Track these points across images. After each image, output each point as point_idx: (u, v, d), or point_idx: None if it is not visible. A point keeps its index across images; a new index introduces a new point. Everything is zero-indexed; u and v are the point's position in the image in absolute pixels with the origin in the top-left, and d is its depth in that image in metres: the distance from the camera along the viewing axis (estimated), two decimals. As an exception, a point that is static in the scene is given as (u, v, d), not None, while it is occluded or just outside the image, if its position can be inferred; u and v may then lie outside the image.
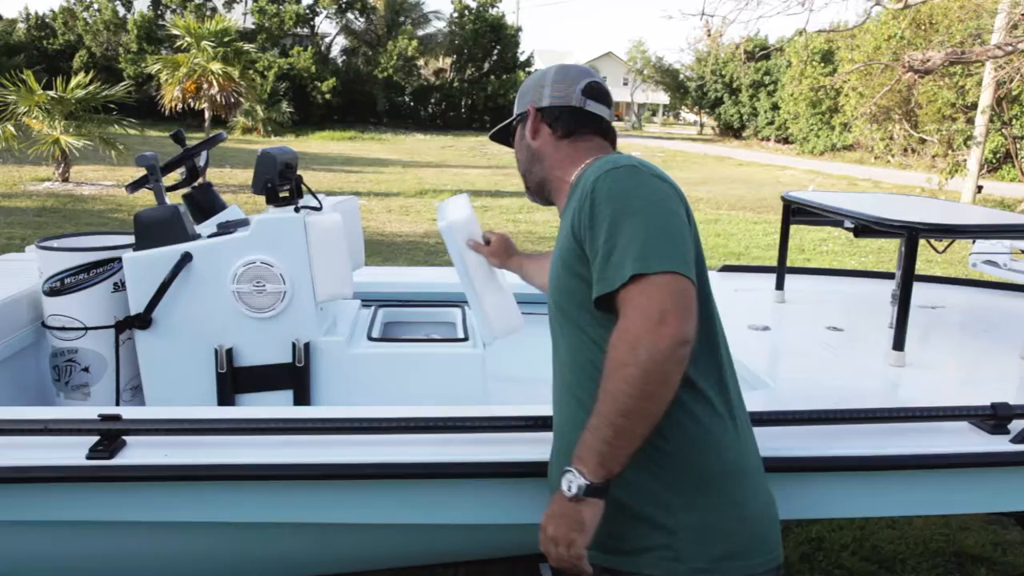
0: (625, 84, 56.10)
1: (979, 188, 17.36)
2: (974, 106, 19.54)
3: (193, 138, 2.65)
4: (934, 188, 18.24)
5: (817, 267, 4.99)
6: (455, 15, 36.22)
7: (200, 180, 2.73)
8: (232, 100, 13.96)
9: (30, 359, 2.59)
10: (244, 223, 2.52)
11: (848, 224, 3.13)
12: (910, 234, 2.44)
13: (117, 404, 2.45)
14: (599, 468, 1.33)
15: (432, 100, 36.87)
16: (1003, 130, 20.72)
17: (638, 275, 1.33)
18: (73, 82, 13.26)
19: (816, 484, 1.92)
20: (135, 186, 2.55)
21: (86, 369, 2.48)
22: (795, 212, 3.09)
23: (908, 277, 2.44)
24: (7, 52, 29.10)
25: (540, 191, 1.76)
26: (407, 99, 35.99)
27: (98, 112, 13.91)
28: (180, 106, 13.91)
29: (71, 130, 13.17)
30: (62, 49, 30.67)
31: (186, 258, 2.31)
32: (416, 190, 15.49)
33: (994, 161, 22.75)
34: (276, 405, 2.40)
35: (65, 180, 13.66)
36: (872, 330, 2.91)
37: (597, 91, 1.71)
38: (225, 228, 2.45)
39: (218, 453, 1.73)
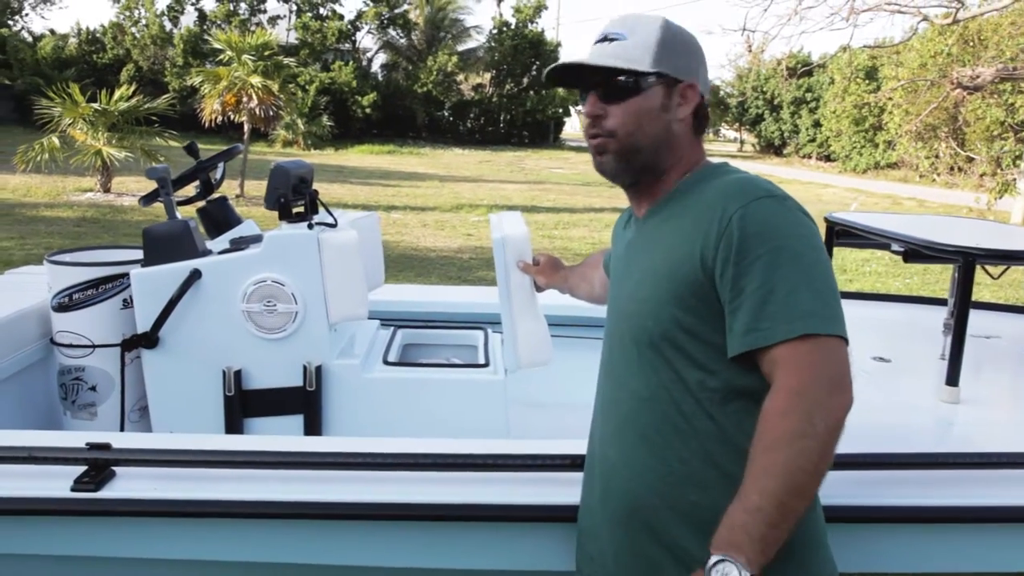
0: (665, 100, 55.73)
1: (1030, 208, 16.83)
2: (1023, 124, 18.99)
3: None
4: (982, 208, 17.72)
5: (861, 291, 4.78)
6: (495, 31, 36.35)
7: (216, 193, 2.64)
8: (272, 113, 14.06)
9: (39, 376, 2.52)
10: (257, 239, 2.43)
11: (895, 248, 2.95)
12: (965, 260, 2.25)
13: (122, 425, 2.37)
14: (761, 556, 1.15)
15: (471, 115, 36.98)
16: (1055, 149, 20.08)
17: (809, 335, 1.18)
18: (116, 94, 13.47)
19: (864, 536, 1.75)
20: (148, 199, 2.47)
21: (93, 388, 2.40)
22: (839, 235, 2.91)
23: (964, 307, 2.26)
24: (59, 66, 29.82)
25: (640, 175, 1.41)
26: (446, 114, 36.15)
27: (140, 124, 14.11)
28: (220, 119, 14.05)
29: (113, 142, 13.37)
30: (111, 63, 31.33)
31: (195, 275, 2.22)
32: (452, 204, 15.45)
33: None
34: (286, 430, 2.29)
35: (107, 191, 13.86)
36: (922, 361, 2.72)
37: None
38: (237, 244, 2.35)
39: (213, 487, 1.62)
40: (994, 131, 21.15)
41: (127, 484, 1.61)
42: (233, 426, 2.27)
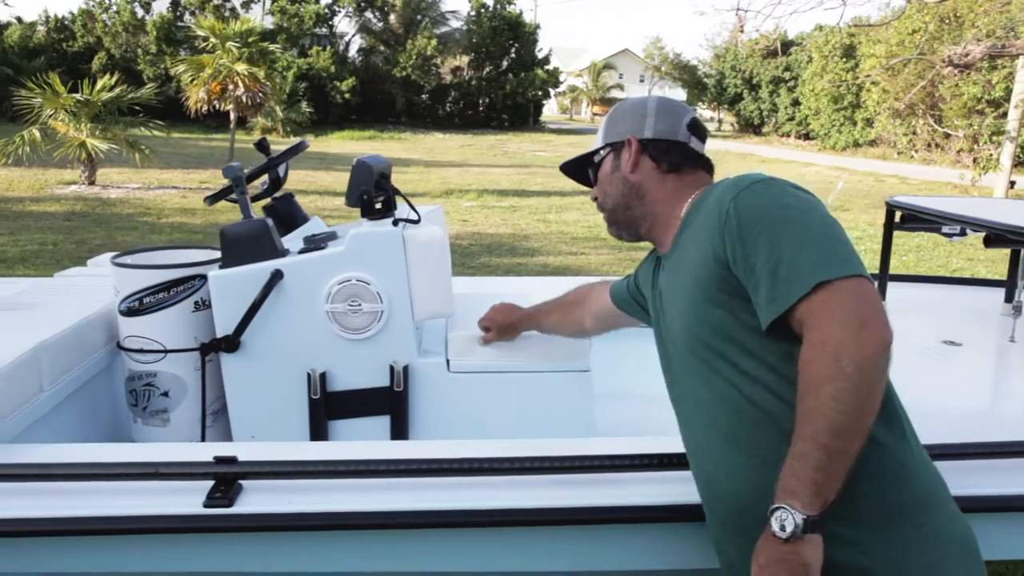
0: (642, 81, 55.79)
1: (1012, 184, 17.06)
2: (1003, 100, 19.21)
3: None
4: (967, 184, 17.92)
5: (906, 274, 4.74)
6: (473, 13, 36.04)
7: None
8: (258, 101, 13.85)
9: (104, 382, 2.44)
10: (331, 236, 2.36)
11: (946, 230, 2.94)
12: (1060, 245, 2.25)
13: (202, 432, 2.30)
14: (815, 499, 1.19)
15: (450, 99, 36.71)
16: (1033, 125, 20.34)
17: (820, 284, 1.22)
18: (99, 84, 13.20)
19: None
20: (215, 198, 2.39)
21: (165, 394, 2.33)
22: (905, 219, 2.90)
23: (1055, 291, 2.25)
24: (28, 55, 29.17)
25: (633, 227, 1.64)
26: (425, 98, 35.85)
27: (124, 114, 13.84)
28: (205, 108, 13.80)
29: (97, 133, 13.10)
30: (81, 51, 30.68)
31: (277, 276, 2.15)
32: (441, 190, 15.35)
33: (1020, 156, 22.38)
34: (371, 432, 2.24)
35: (91, 183, 13.60)
36: (993, 344, 2.72)
37: (700, 128, 1.63)
38: (314, 243, 2.28)
39: (344, 498, 1.57)
40: (971, 107, 21.39)
41: (257, 498, 1.55)
42: (318, 429, 2.22)
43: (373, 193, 2.23)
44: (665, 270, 1.57)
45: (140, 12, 31.21)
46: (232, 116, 14.09)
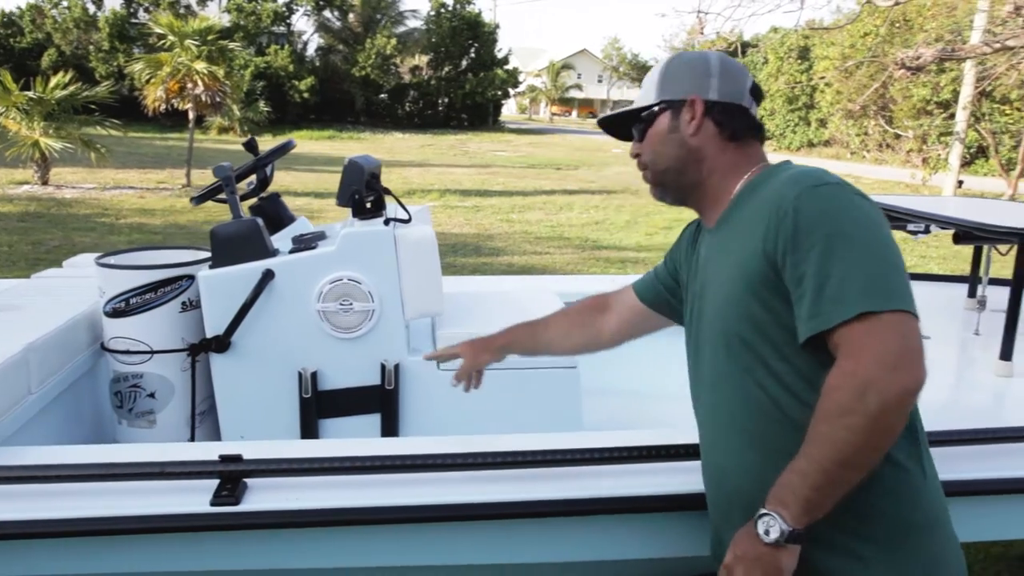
0: (600, 81, 56.14)
1: (960, 183, 17.60)
2: (949, 103, 19.78)
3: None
4: (917, 183, 18.42)
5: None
6: (432, 13, 35.96)
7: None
8: (217, 100, 13.63)
9: (87, 384, 2.42)
10: (320, 236, 2.37)
11: (912, 227, 3.04)
12: (1022, 242, 2.35)
13: (192, 433, 2.29)
14: (803, 515, 1.21)
15: (409, 98, 36.57)
16: (976, 126, 20.98)
17: (864, 313, 1.18)
18: (53, 82, 12.89)
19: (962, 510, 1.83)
20: (202, 198, 2.38)
21: (152, 395, 2.32)
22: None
23: (1020, 284, 2.35)
24: (-27, 51, 28.37)
25: (681, 193, 1.53)
26: (384, 97, 35.65)
27: (78, 113, 13.53)
28: (163, 107, 13.56)
29: (51, 132, 12.79)
30: (30, 47, 29.91)
31: (268, 276, 2.16)
32: (403, 190, 15.27)
33: (967, 156, 23.05)
34: (362, 430, 2.25)
35: (45, 183, 13.27)
36: (959, 338, 2.83)
37: (760, 93, 1.52)
38: (303, 242, 2.29)
39: (349, 495, 1.59)
40: (921, 109, 21.97)
41: (263, 495, 1.56)
42: (309, 428, 2.23)
43: (364, 193, 2.25)
44: (706, 244, 1.51)
45: (92, 8, 30.52)
46: (191, 115, 13.84)
